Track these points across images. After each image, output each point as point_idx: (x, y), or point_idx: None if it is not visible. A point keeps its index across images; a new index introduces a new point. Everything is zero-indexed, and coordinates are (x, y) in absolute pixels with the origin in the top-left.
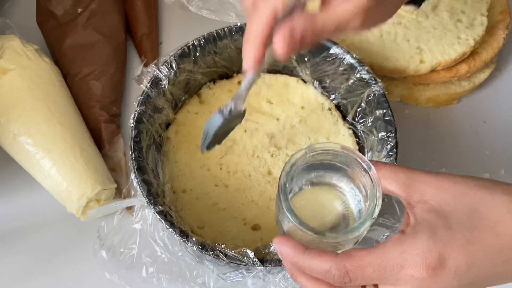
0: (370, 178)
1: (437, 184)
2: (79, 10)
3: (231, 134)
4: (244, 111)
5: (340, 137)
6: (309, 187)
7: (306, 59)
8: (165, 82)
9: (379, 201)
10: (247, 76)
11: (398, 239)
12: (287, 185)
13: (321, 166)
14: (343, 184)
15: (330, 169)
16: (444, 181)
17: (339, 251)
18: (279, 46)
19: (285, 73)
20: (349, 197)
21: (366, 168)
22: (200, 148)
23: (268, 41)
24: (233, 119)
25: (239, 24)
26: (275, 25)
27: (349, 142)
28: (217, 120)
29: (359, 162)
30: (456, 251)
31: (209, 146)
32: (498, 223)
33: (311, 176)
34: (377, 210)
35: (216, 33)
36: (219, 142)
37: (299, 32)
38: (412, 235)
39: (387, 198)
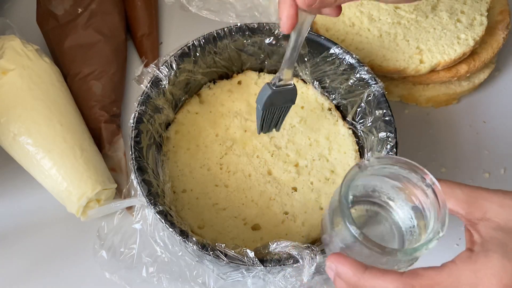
0: (434, 193)
1: (499, 201)
2: (79, 10)
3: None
4: (294, 89)
5: (340, 137)
6: (359, 205)
7: (306, 59)
8: (165, 82)
9: (446, 219)
10: (290, 39)
11: (468, 258)
12: (348, 197)
13: (371, 182)
14: (394, 201)
15: (381, 186)
16: (506, 198)
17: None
18: None
19: None
20: (399, 214)
21: (430, 182)
22: (257, 131)
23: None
24: (283, 97)
25: (239, 24)
26: None
27: (349, 142)
28: (265, 91)
29: (421, 176)
30: None
31: (265, 129)
32: None
33: (361, 192)
34: (444, 228)
35: (216, 33)
36: (276, 127)
37: None
38: (483, 253)
39: None
